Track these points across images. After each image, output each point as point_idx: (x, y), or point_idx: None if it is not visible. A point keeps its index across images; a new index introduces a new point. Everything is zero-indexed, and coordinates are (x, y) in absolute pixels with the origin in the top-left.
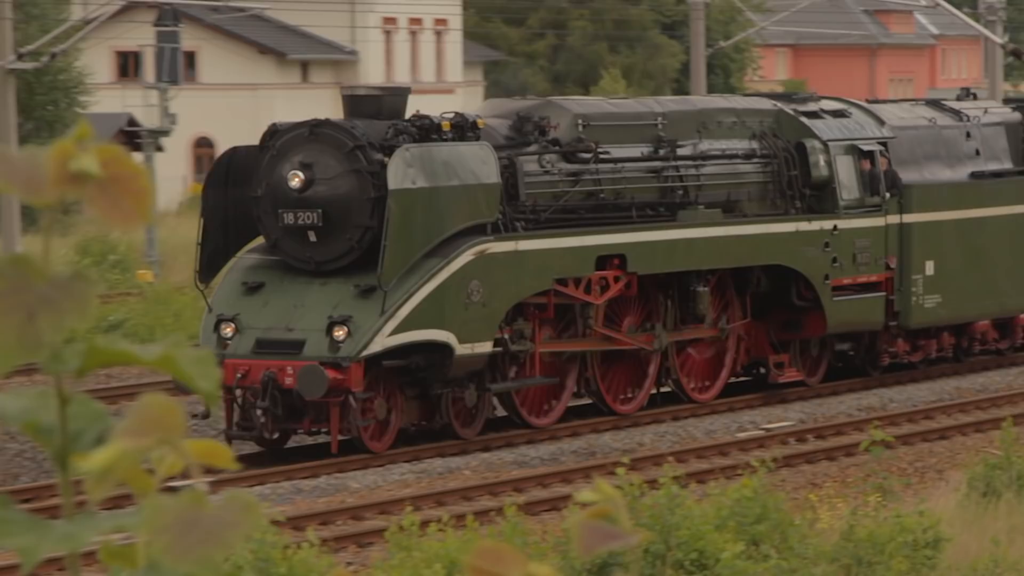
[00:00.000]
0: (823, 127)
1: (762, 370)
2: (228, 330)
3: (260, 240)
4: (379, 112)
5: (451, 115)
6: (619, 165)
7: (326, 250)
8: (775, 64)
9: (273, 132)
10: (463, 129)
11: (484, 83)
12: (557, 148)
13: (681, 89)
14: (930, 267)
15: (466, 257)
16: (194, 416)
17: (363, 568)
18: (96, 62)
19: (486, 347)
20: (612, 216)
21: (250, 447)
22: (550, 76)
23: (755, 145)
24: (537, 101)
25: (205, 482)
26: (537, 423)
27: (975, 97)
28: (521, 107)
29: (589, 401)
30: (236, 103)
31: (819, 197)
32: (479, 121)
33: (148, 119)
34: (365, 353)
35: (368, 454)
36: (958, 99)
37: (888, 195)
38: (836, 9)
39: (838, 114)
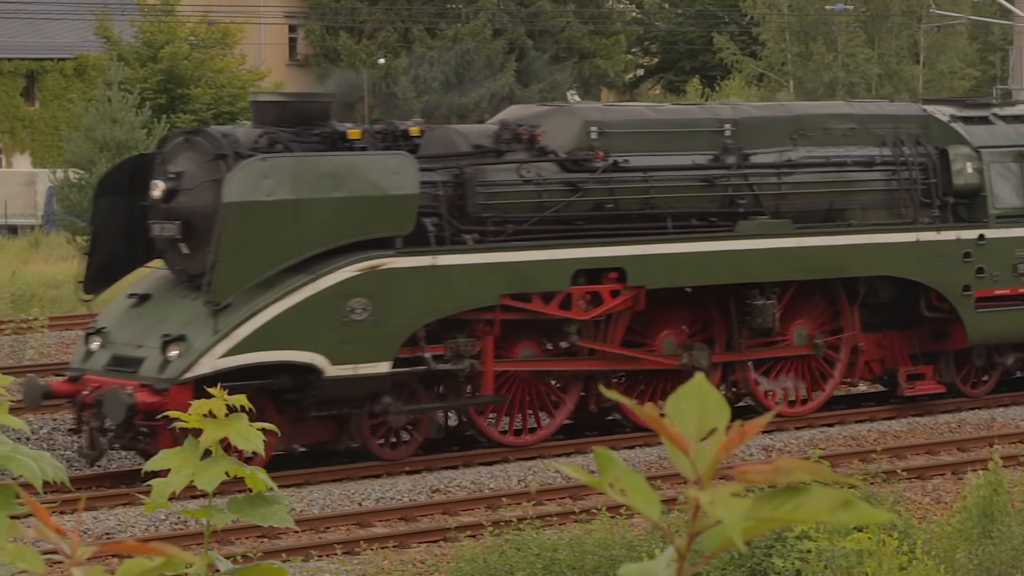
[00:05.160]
0: (981, 133)
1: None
2: (95, 344)
3: None
4: (284, 119)
5: (379, 124)
6: (647, 174)
7: (196, 263)
8: None
9: (166, 138)
10: (392, 138)
11: None
12: (552, 158)
13: None
14: None
15: (345, 273)
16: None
17: None
18: None
19: (379, 368)
20: (633, 227)
21: None
22: None
23: (878, 152)
24: (546, 108)
25: None
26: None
27: None
28: (521, 115)
29: None
30: None
31: (969, 206)
32: (413, 129)
33: None
34: (188, 376)
35: None
36: None
37: None
38: None
39: (1019, 119)
